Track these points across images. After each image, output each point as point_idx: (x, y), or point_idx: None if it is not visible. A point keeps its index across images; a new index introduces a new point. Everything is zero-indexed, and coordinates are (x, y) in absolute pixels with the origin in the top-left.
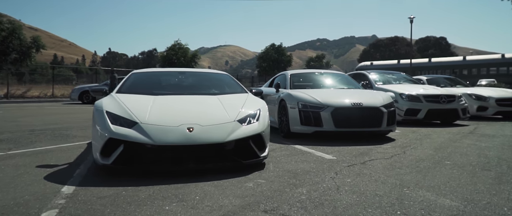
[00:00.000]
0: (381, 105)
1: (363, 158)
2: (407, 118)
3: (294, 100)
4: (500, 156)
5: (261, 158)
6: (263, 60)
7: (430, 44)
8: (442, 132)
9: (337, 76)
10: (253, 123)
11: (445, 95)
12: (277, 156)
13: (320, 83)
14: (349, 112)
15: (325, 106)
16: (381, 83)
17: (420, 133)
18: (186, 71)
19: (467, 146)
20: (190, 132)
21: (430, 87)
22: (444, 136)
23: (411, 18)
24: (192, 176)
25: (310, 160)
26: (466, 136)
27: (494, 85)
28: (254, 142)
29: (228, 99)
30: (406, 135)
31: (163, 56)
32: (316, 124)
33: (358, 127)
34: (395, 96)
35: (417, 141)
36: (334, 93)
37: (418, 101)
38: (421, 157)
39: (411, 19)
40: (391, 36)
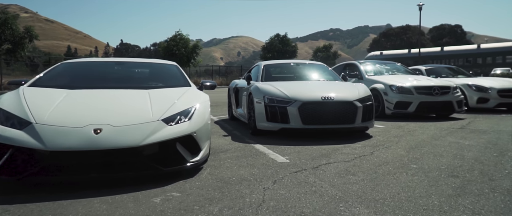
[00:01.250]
0: (355, 99)
1: (320, 161)
2: (397, 111)
3: (260, 94)
4: (478, 157)
5: (191, 164)
6: (268, 50)
7: (444, 33)
8: (429, 128)
9: (315, 67)
10: (183, 122)
11: (438, 86)
12: (223, 158)
13: (295, 75)
14: (319, 107)
15: (292, 101)
16: (372, 74)
17: (404, 129)
18: (125, 61)
19: (448, 144)
20: (96, 134)
21: (423, 78)
22: (428, 132)
23: (420, 6)
24: (90, 189)
25: (258, 164)
26: (453, 132)
27: (507, 74)
28: (183, 144)
29: (161, 94)
30: (388, 131)
31: (163, 47)
32: (283, 120)
33: (328, 123)
34: (384, 88)
35: (395, 139)
36: (304, 86)
37: (409, 93)
38: (386, 160)
39: (420, 6)
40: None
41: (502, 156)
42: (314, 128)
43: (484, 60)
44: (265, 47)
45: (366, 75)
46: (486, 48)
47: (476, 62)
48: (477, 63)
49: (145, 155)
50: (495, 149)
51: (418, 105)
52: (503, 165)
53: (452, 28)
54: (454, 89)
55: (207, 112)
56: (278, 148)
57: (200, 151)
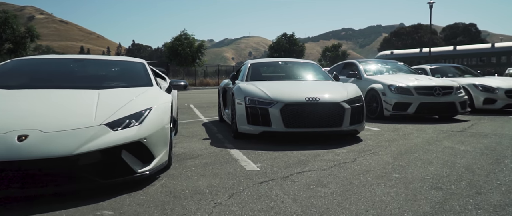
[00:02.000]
0: (343, 100)
1: (294, 169)
2: (396, 113)
3: (241, 95)
4: (470, 165)
5: (139, 174)
6: (275, 50)
7: (458, 31)
8: (427, 130)
9: (305, 67)
10: (132, 126)
11: (439, 86)
12: (188, 166)
13: (283, 75)
14: (302, 109)
15: (274, 102)
16: (371, 73)
17: (399, 132)
18: (85, 58)
19: (441, 150)
20: (20, 141)
21: (425, 78)
22: (425, 135)
23: (430, 3)
24: None
25: (223, 173)
26: (451, 136)
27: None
28: (131, 152)
29: (113, 94)
30: (381, 134)
31: (168, 47)
32: (264, 123)
33: (313, 126)
34: (383, 88)
35: (386, 144)
36: (289, 86)
37: (408, 93)
38: (368, 168)
39: (431, 4)
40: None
41: (498, 164)
42: (298, 132)
43: (498, 59)
44: (272, 46)
45: (365, 74)
46: (501, 47)
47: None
48: (491, 62)
49: (81, 166)
50: (492, 155)
51: (418, 106)
52: (496, 175)
53: (466, 27)
54: (457, 89)
55: (166, 115)
56: (255, 153)
57: (153, 160)
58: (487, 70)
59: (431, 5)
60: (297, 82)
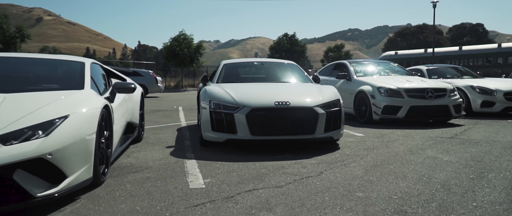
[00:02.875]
0: (317, 105)
1: (246, 186)
2: (385, 117)
3: (207, 98)
4: (447, 181)
5: (40, 198)
6: (276, 50)
7: (465, 32)
8: (414, 137)
9: (282, 67)
10: (34, 139)
11: (432, 88)
12: (125, 182)
13: (258, 76)
14: (271, 115)
15: (240, 106)
16: (361, 74)
17: (384, 139)
18: (13, 57)
19: (422, 161)
20: None
21: (417, 80)
22: (410, 143)
23: (434, 3)
24: None
25: (159, 191)
26: (438, 144)
27: None
28: (32, 171)
29: (21, 99)
30: (363, 141)
31: (166, 47)
32: (229, 130)
33: (282, 134)
34: (372, 90)
35: (364, 153)
36: (259, 89)
37: (398, 96)
38: (331, 185)
39: (434, 3)
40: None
41: (480, 179)
42: (265, 140)
43: (505, 59)
44: (273, 47)
45: (355, 75)
46: (508, 47)
47: (497, 62)
48: (497, 63)
49: None
50: (476, 168)
51: (409, 109)
52: (474, 193)
53: (473, 27)
54: (451, 91)
55: (89, 124)
56: (211, 166)
57: (64, 179)
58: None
59: (434, 4)
60: (271, 84)
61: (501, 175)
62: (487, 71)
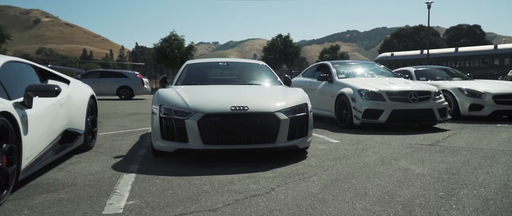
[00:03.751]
0: (279, 110)
1: (175, 209)
2: (366, 121)
3: (157, 102)
4: (412, 200)
5: None
6: (269, 52)
7: (462, 33)
8: (392, 144)
9: (250, 68)
10: None
11: (415, 91)
12: (19, 209)
13: (223, 77)
14: (226, 121)
15: (192, 112)
16: (343, 76)
17: (359, 146)
18: None
19: (392, 173)
20: None
21: (400, 82)
22: (385, 151)
23: (428, 3)
24: None
25: None
26: (415, 152)
27: None
28: None
29: None
30: (335, 150)
31: (156, 48)
32: (180, 138)
33: (239, 143)
34: (353, 93)
35: (330, 164)
36: (216, 92)
37: (380, 99)
38: (276, 207)
39: (429, 4)
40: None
41: (449, 197)
42: (219, 150)
43: (501, 61)
44: (267, 48)
45: (336, 77)
46: (504, 48)
47: (493, 64)
48: (494, 64)
49: None
50: (449, 182)
51: (391, 113)
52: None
53: (470, 28)
54: (436, 94)
55: None
56: (149, 181)
57: None
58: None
59: (429, 5)
60: (232, 87)
61: (474, 192)
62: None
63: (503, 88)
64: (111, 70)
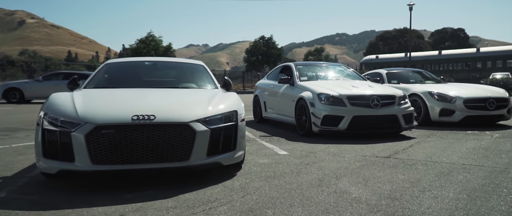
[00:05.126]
0: (196, 119)
1: None
2: (326, 129)
3: (43, 110)
4: None
5: None
6: (252, 54)
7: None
8: (345, 156)
9: (180, 68)
10: None
11: (377, 96)
12: None
13: (145, 80)
14: (124, 134)
15: (81, 123)
16: (305, 78)
17: (307, 159)
18: None
19: (323, 199)
20: None
21: (363, 85)
22: (332, 166)
23: (410, 5)
24: None
25: None
26: (365, 167)
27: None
28: None
29: None
30: (275, 165)
31: (132, 49)
32: (65, 156)
33: (140, 161)
34: (312, 97)
35: (257, 185)
36: (121, 96)
37: (340, 104)
38: None
39: (411, 6)
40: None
41: None
42: (113, 171)
43: (483, 64)
44: (249, 50)
45: (298, 80)
46: (486, 51)
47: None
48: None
49: None
50: (385, 213)
51: (351, 120)
52: None
53: (455, 32)
54: (401, 99)
55: None
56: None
57: None
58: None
59: (411, 7)
60: (146, 91)
61: None
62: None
63: (475, 92)
64: (77, 71)
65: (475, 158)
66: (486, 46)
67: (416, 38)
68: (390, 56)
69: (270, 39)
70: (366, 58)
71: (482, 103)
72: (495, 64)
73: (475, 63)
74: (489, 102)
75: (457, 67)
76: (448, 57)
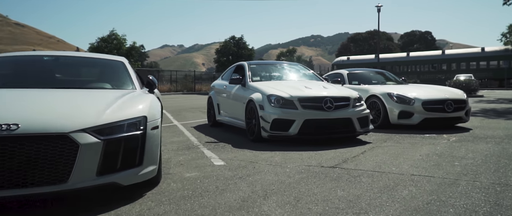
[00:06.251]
0: (82, 129)
1: None
2: (275, 134)
3: None
4: None
5: None
6: (222, 54)
7: (415, 39)
8: (286, 166)
9: (90, 66)
10: None
11: (330, 97)
12: None
13: (43, 79)
14: None
15: None
16: (258, 79)
17: (241, 172)
18: None
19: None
20: None
21: (317, 86)
22: (268, 179)
23: (378, 7)
24: None
25: None
26: (301, 182)
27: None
28: None
29: None
30: (203, 179)
31: (92, 48)
32: None
33: (2, 186)
34: (262, 99)
35: (155, 212)
36: (5, 100)
37: (291, 107)
38: None
39: (379, 8)
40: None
41: None
42: None
43: (449, 66)
44: (219, 50)
45: (249, 80)
46: (451, 54)
47: (441, 68)
48: (442, 69)
49: None
50: None
51: (303, 124)
52: None
53: (423, 35)
54: (357, 101)
55: None
56: None
57: None
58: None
59: (379, 8)
60: (33, 92)
61: None
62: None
63: (433, 94)
64: None
65: (426, 167)
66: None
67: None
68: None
69: (241, 39)
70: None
71: (440, 105)
72: (460, 66)
73: (441, 65)
74: (447, 104)
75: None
76: (416, 59)
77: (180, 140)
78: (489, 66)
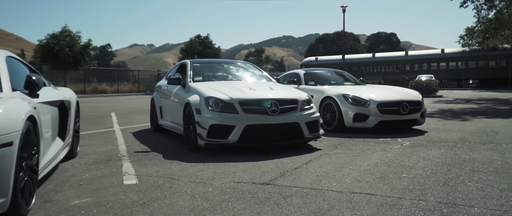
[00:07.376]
0: None
1: None
2: (213, 142)
3: None
4: None
5: None
6: (187, 53)
7: (381, 40)
8: (211, 183)
9: None
10: None
11: (276, 100)
12: None
13: None
14: None
15: None
16: (200, 79)
17: (146, 196)
18: None
19: None
20: None
21: (262, 87)
22: (178, 204)
23: (343, 7)
24: None
25: None
26: (219, 206)
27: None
28: None
29: None
30: (86, 211)
31: (41, 45)
32: None
33: None
34: (199, 102)
35: None
36: None
37: (231, 111)
38: None
39: (344, 8)
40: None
41: None
42: None
43: (412, 66)
44: (184, 49)
45: (190, 80)
46: (413, 55)
47: (405, 69)
48: (405, 69)
49: None
50: None
51: (244, 130)
52: None
53: (388, 36)
54: (305, 103)
55: None
56: None
57: None
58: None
59: (344, 9)
60: None
61: None
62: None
63: (388, 95)
64: None
65: (370, 181)
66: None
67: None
68: (329, 58)
69: (207, 39)
70: (306, 59)
71: (395, 107)
72: (422, 67)
73: (404, 66)
74: (402, 106)
75: (388, 69)
76: (381, 60)
77: (104, 150)
78: (448, 67)
